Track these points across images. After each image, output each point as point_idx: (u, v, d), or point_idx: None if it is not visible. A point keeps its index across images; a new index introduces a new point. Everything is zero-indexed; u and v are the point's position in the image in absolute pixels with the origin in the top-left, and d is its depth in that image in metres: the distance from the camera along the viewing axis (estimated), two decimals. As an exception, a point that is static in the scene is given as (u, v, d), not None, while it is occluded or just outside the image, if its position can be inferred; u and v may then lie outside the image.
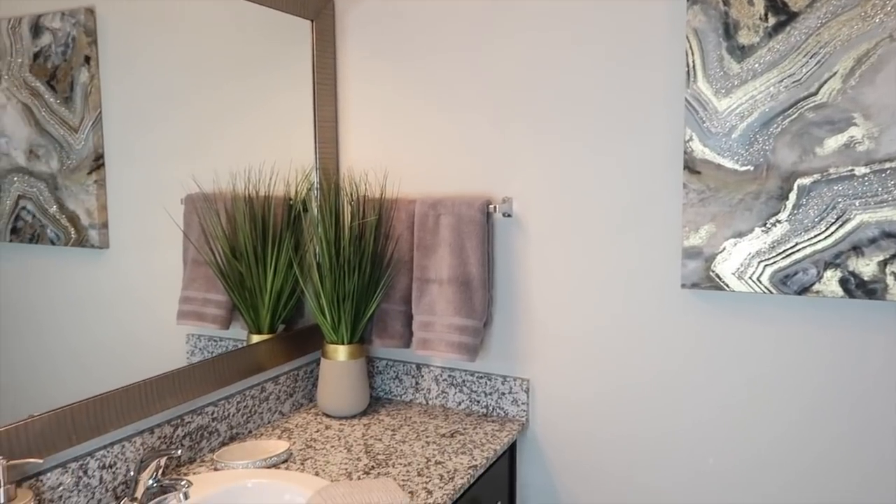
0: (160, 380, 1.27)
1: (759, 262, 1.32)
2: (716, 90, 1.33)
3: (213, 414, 1.40)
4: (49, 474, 1.10)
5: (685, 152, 1.36)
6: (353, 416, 1.60)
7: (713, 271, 1.35)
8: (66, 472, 1.12)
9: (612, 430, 1.52)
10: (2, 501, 0.95)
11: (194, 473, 1.29)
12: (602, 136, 1.47)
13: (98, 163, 1.17)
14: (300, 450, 1.42)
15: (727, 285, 1.35)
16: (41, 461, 0.98)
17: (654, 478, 1.49)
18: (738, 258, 1.33)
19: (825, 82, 1.25)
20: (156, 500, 1.13)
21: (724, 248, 1.34)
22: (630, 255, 1.47)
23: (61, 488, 1.11)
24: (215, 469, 1.32)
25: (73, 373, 1.15)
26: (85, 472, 1.15)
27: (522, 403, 1.58)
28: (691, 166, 1.35)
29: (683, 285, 1.38)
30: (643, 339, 1.47)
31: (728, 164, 1.33)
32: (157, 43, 1.28)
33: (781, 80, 1.28)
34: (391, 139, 1.67)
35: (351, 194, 1.63)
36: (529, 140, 1.53)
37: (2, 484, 0.96)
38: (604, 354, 1.51)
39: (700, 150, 1.35)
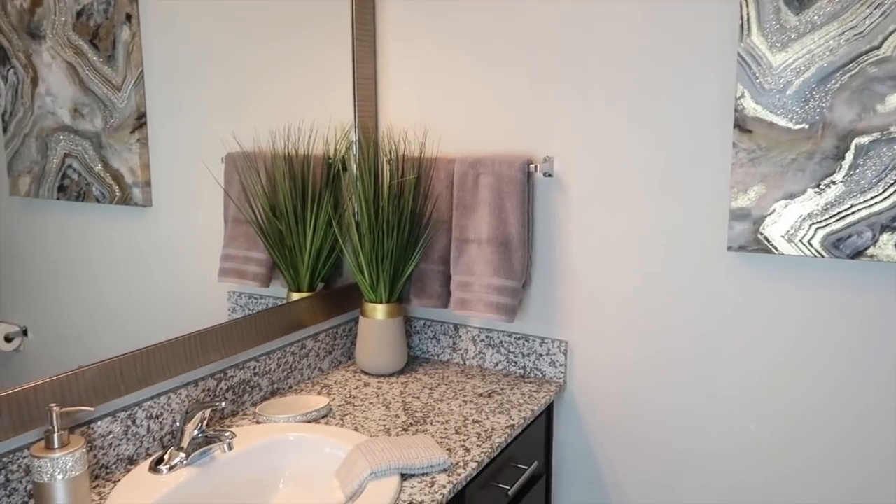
0: (203, 334, 1.31)
1: (810, 225, 1.28)
2: (771, 44, 1.28)
3: (254, 369, 1.44)
4: (99, 423, 1.14)
5: (736, 110, 1.31)
6: (391, 375, 1.62)
7: (761, 234, 1.32)
8: (116, 420, 1.17)
9: (651, 394, 1.51)
10: (56, 446, 1.00)
11: (237, 426, 1.33)
12: (647, 93, 1.43)
13: (140, 121, 1.19)
14: (339, 406, 1.45)
15: (776, 248, 1.31)
16: (92, 409, 1.02)
17: (693, 442, 1.48)
18: (788, 220, 1.29)
19: (889, 35, 1.19)
20: (201, 451, 1.17)
21: (774, 210, 1.31)
22: (674, 217, 1.44)
23: (111, 436, 1.16)
24: (257, 422, 1.35)
25: (120, 326, 1.18)
26: (133, 422, 1.19)
27: (560, 365, 1.58)
28: (742, 124, 1.31)
29: (730, 248, 1.35)
30: (685, 303, 1.45)
31: (781, 122, 1.28)
32: (197, 0, 1.28)
33: (842, 33, 1.22)
34: (430, 97, 1.66)
35: (390, 153, 1.63)
36: (572, 97, 1.50)
37: (56, 429, 1.00)
38: (644, 317, 1.49)
39: (752, 107, 1.30)
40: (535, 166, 1.50)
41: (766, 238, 1.32)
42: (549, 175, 1.54)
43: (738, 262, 1.40)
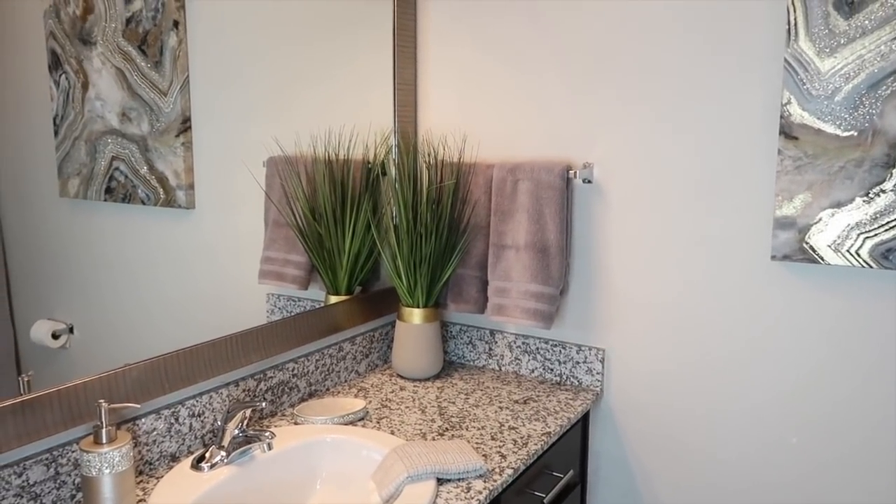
0: (244, 335, 1.32)
1: (858, 234, 1.24)
2: (819, 49, 1.24)
3: (293, 370, 1.45)
4: (144, 419, 1.16)
5: (781, 116, 1.28)
6: (427, 379, 1.62)
7: (807, 243, 1.28)
8: (160, 418, 1.18)
9: (690, 404, 1.48)
10: (104, 441, 1.01)
11: (276, 426, 1.34)
12: (689, 98, 1.41)
13: (185, 125, 1.21)
14: (376, 409, 1.45)
15: (822, 258, 1.28)
16: (139, 406, 1.03)
17: (734, 454, 1.45)
18: (835, 230, 1.26)
19: (944, 40, 1.14)
20: (241, 449, 1.18)
21: (820, 219, 1.27)
22: (715, 225, 1.41)
23: (155, 433, 1.18)
24: (295, 423, 1.36)
25: (164, 326, 1.20)
26: (176, 419, 1.21)
27: (597, 373, 1.56)
28: (787, 131, 1.28)
29: (773, 257, 1.32)
30: (726, 312, 1.42)
31: (829, 129, 1.24)
32: (242, 6, 1.30)
33: (895, 38, 1.18)
34: (470, 103, 1.66)
35: (429, 158, 1.63)
36: (613, 103, 1.49)
37: (104, 425, 1.02)
38: (685, 326, 1.47)
39: (798, 114, 1.27)
40: (575, 172, 1.49)
41: (811, 247, 1.28)
42: (589, 181, 1.52)
43: (781, 272, 1.36)
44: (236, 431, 1.18)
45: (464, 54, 1.65)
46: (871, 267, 1.24)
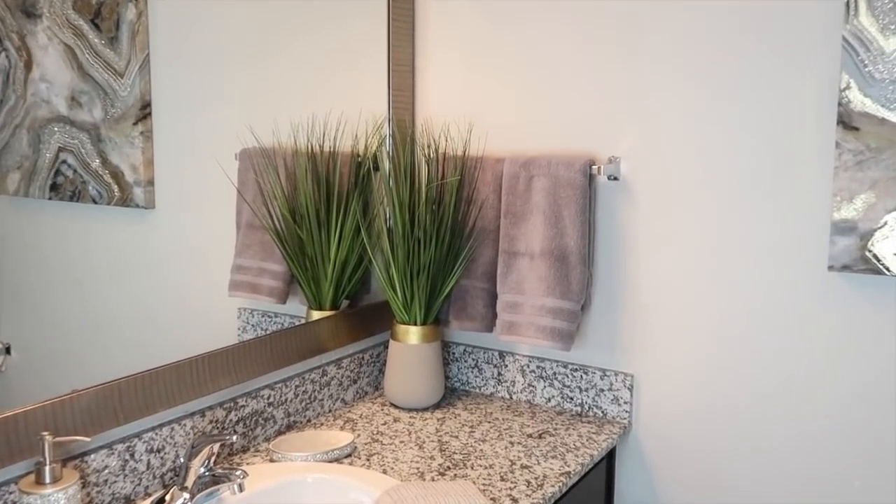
0: (212, 357, 1.31)
1: (930, 242, 1.23)
2: (882, 26, 1.24)
3: (268, 398, 1.44)
4: (94, 455, 1.15)
5: (839, 104, 1.28)
6: (425, 409, 1.61)
7: (869, 251, 1.28)
8: (113, 453, 1.17)
9: (734, 440, 1.47)
10: (47, 481, 1.00)
11: (248, 464, 1.33)
12: (734, 83, 1.40)
13: (144, 112, 1.20)
14: (365, 443, 1.44)
15: (888, 268, 1.27)
16: (88, 440, 1.02)
17: (787, 499, 1.44)
18: (903, 236, 1.25)
19: None
20: (207, 491, 1.17)
21: (886, 223, 1.26)
22: (763, 230, 1.41)
23: (107, 471, 1.17)
24: (271, 460, 1.35)
25: (119, 346, 1.20)
26: (132, 456, 1.20)
27: (625, 402, 1.55)
28: (847, 121, 1.27)
29: (831, 267, 1.31)
30: (776, 332, 1.42)
31: (895, 118, 1.24)
32: (210, -27, 1.30)
33: (971, 12, 1.18)
34: (476, 86, 1.66)
35: (429, 150, 1.63)
36: (642, 86, 1.49)
37: (47, 462, 1.00)
38: (727, 348, 1.46)
39: (859, 100, 1.26)
40: (599, 168, 1.49)
41: (875, 256, 1.28)
42: (615, 178, 1.52)
43: (840, 285, 1.36)
44: (202, 470, 1.17)
45: (469, 30, 1.65)
46: (945, 279, 1.23)
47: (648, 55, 1.47)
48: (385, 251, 1.58)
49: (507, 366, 1.69)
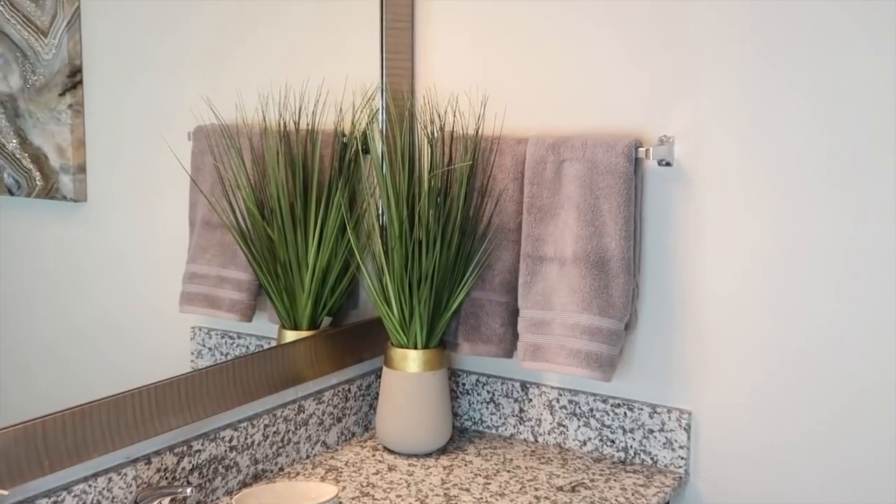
0: (160, 389, 1.31)
1: None
2: None
3: (230, 441, 1.44)
4: (9, 514, 1.15)
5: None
6: (428, 455, 1.61)
7: None
8: (32, 512, 1.17)
9: (827, 495, 1.47)
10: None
11: (203, 524, 1.33)
12: (820, 41, 1.40)
13: (74, 80, 1.20)
14: (353, 498, 1.44)
15: None
16: (5, 493, 1.02)
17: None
18: None
19: None
20: (149, 560, 1.16)
21: None
22: (861, 230, 1.41)
23: (24, 535, 1.17)
24: (232, 520, 1.35)
25: (42, 374, 1.20)
26: (56, 514, 1.20)
27: (680, 447, 1.55)
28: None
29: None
30: (882, 356, 1.41)
31: None
32: None
33: None
34: (492, 48, 1.66)
35: (432, 129, 1.62)
36: (701, 47, 1.49)
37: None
38: (817, 378, 1.46)
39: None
40: (647, 151, 1.48)
41: None
42: (667, 164, 1.52)
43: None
44: (145, 532, 1.17)
45: (484, -23, 1.65)
46: None
47: (713, 9, 1.47)
48: (377, 255, 1.58)
49: (531, 400, 1.68)
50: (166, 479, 1.33)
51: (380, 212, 1.63)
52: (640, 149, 1.49)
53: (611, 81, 1.56)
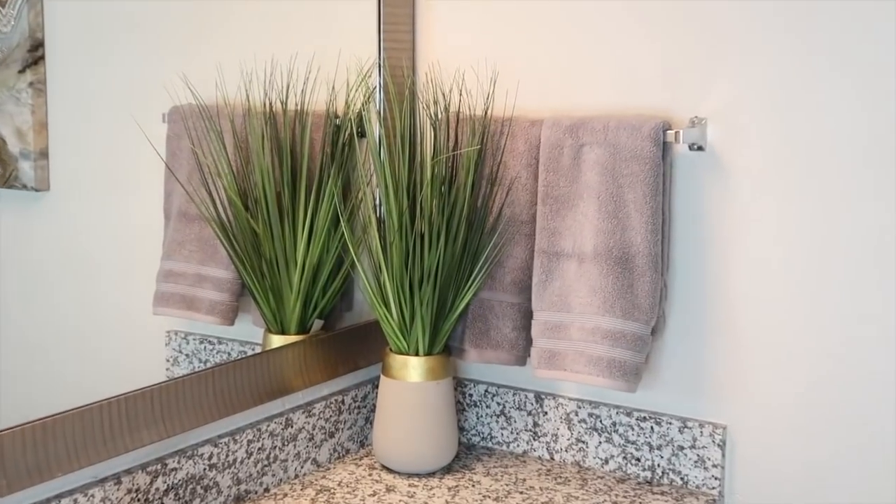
0: (131, 400, 1.30)
1: None
2: None
3: (210, 458, 1.43)
4: (-41, 543, 1.15)
5: None
6: (431, 474, 1.61)
7: None
8: (-14, 541, 1.17)
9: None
10: None
11: (179, 552, 1.33)
12: (864, 18, 1.39)
13: (35, 55, 1.20)
14: (345, 523, 1.44)
15: None
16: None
17: None
18: None
19: None
20: (119, 592, 1.16)
21: None
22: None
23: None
24: (212, 547, 1.35)
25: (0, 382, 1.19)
26: (15, 542, 1.20)
27: (714, 466, 1.55)
28: None
29: None
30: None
31: None
32: None
33: None
34: (502, 20, 1.66)
35: (436, 109, 1.62)
36: (740, 14, 1.48)
37: None
38: (867, 390, 1.46)
39: None
40: (677, 134, 1.48)
41: None
42: (699, 148, 1.51)
43: None
44: (114, 560, 1.16)
45: (494, -61, 1.64)
46: None
47: (747, -27, 1.47)
48: (374, 251, 1.58)
49: (546, 413, 1.68)
50: (138, 500, 1.33)
51: (377, 202, 1.64)
52: (669, 131, 1.49)
53: (636, 56, 1.56)
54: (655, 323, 1.54)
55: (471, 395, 1.74)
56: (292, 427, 1.57)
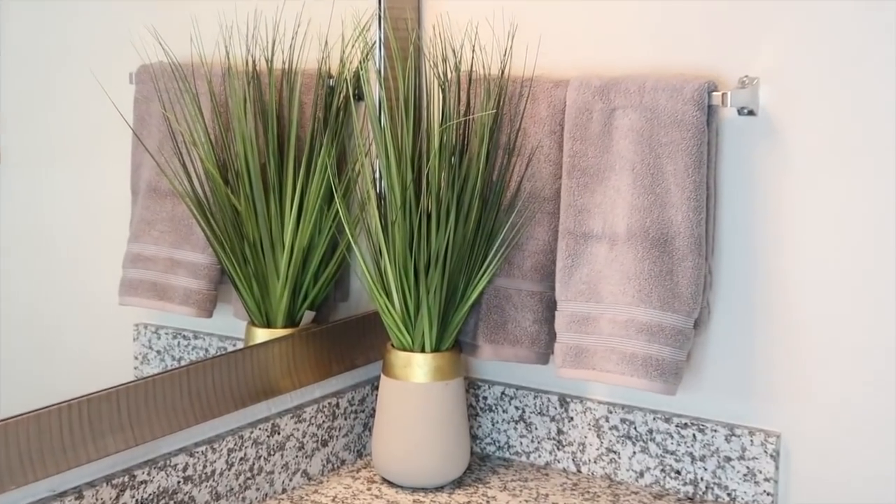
0: (94, 402, 1.31)
1: None
2: None
3: (184, 470, 1.44)
4: None
5: None
6: (440, 488, 1.62)
7: None
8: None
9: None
10: None
11: (150, 577, 1.34)
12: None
13: (-19, 4, 1.21)
14: (341, 545, 1.45)
15: None
16: None
17: None
18: None
19: None
20: None
21: None
22: None
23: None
24: (187, 571, 1.36)
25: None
26: (-40, 566, 1.21)
27: (766, 479, 1.55)
28: None
29: None
30: None
31: None
32: None
33: None
34: (523, -38, 1.65)
35: (445, 68, 1.62)
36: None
37: None
38: None
39: None
40: (724, 96, 1.47)
41: None
42: (750, 112, 1.51)
43: None
44: (76, 586, 1.17)
45: None
46: None
47: None
48: (374, 232, 1.58)
49: (572, 419, 1.69)
50: (103, 518, 1.34)
51: (377, 175, 1.64)
52: (715, 93, 1.48)
53: (676, 5, 1.56)
54: (698, 315, 1.54)
55: (485, 398, 1.75)
56: (279, 434, 1.58)
